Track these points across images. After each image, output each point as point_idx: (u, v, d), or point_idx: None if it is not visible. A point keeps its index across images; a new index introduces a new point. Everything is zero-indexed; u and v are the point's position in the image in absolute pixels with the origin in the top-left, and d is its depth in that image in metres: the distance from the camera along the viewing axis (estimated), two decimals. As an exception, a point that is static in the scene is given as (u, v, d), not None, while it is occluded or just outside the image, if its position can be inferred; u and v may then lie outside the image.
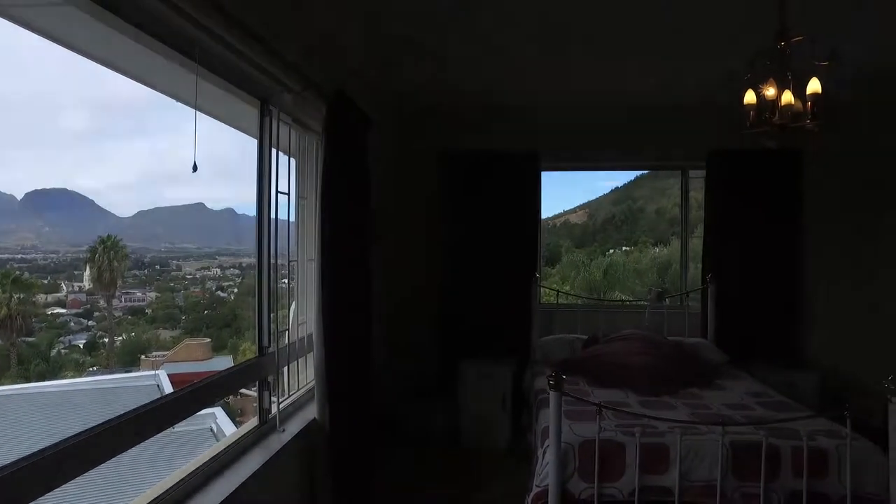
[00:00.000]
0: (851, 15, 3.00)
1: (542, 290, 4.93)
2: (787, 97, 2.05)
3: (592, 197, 6.45)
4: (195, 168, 1.90)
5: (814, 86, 2.00)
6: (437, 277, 4.88)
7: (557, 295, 4.82)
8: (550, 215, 6.21)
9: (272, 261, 2.71)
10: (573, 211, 7.31)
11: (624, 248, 6.06)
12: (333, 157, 2.82)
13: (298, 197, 3.08)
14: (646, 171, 5.44)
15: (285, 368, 2.91)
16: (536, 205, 4.78)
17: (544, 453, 2.62)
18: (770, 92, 2.03)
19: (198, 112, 2.23)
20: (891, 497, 2.36)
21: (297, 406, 3.04)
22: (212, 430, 5.46)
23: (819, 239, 4.64)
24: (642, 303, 4.67)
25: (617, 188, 6.44)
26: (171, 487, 1.93)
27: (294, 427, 2.74)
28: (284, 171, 2.83)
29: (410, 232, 4.96)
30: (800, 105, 2.08)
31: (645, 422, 2.72)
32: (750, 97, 2.08)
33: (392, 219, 4.82)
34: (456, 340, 4.76)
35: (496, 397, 4.27)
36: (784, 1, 2.11)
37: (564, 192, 5.89)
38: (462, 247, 4.78)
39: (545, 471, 2.57)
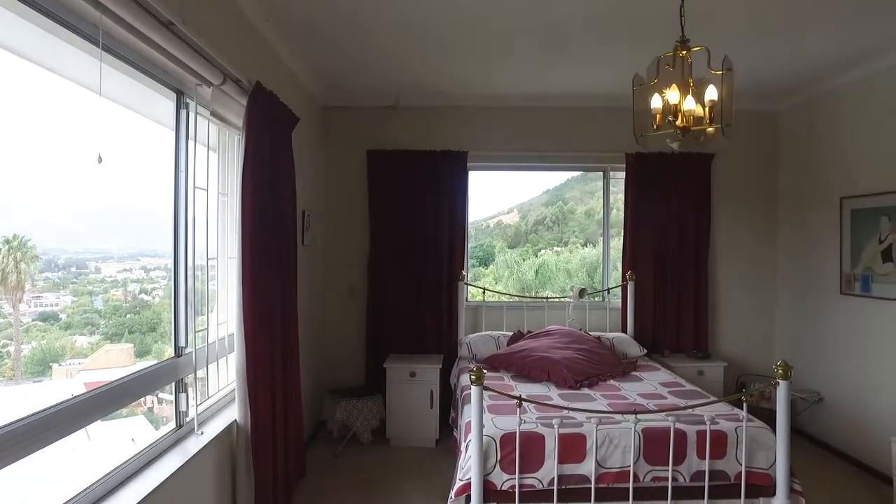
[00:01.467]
0: (744, 32, 3.26)
1: (468, 288, 5.01)
2: (688, 102, 2.19)
3: (525, 199, 6.57)
4: (100, 160, 1.82)
5: (711, 93, 2.15)
6: (364, 276, 4.87)
7: (484, 293, 4.92)
8: (485, 216, 6.30)
9: (189, 258, 2.61)
10: (506, 212, 7.44)
11: (555, 249, 6.21)
12: (255, 153, 2.76)
13: (219, 193, 2.99)
14: (576, 174, 5.60)
15: (204, 370, 2.82)
16: (464, 204, 4.84)
17: (467, 447, 2.66)
18: (673, 97, 2.16)
19: (111, 103, 2.14)
20: (777, 469, 2.61)
21: (217, 408, 2.95)
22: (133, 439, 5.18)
23: (724, 238, 4.96)
24: (566, 300, 4.82)
25: (548, 190, 6.60)
26: (73, 497, 1.83)
27: (213, 430, 2.65)
28: (203, 165, 2.74)
29: (338, 230, 4.92)
30: (701, 110, 2.23)
31: (564, 413, 2.82)
32: (656, 101, 2.20)
33: (319, 217, 4.76)
34: (384, 339, 4.76)
35: (424, 395, 4.29)
36: (684, 13, 2.27)
37: (498, 194, 5.96)
38: (390, 245, 4.79)
39: (468, 464, 2.62)
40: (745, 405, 2.68)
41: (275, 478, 2.95)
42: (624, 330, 4.77)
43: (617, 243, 5.13)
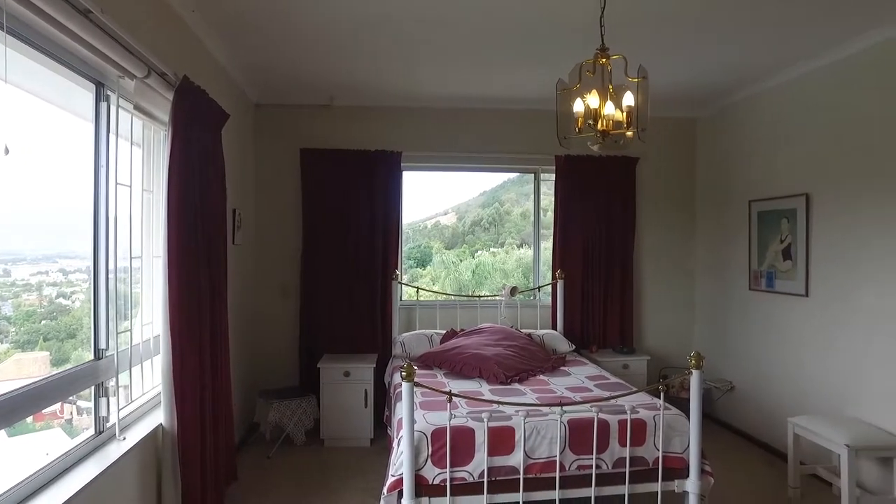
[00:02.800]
0: (663, 44, 3.48)
1: (402, 287, 5.06)
2: (608, 107, 2.32)
3: (462, 200, 6.65)
4: (7, 151, 1.73)
5: (628, 99, 2.29)
6: (298, 275, 4.82)
7: (418, 292, 4.97)
8: (422, 217, 6.34)
9: (111, 257, 2.52)
10: (444, 213, 7.51)
11: (492, 250, 6.32)
12: (182, 150, 2.69)
13: (143, 190, 2.89)
14: (513, 176, 5.73)
15: (128, 373, 2.71)
16: (398, 203, 4.88)
17: (399, 443, 2.69)
18: (593, 102, 2.28)
19: (20, 90, 2.02)
20: (690, 452, 2.80)
21: (142, 412, 2.84)
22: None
23: (648, 238, 5.24)
24: (498, 298, 4.95)
25: (485, 192, 6.70)
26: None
27: (137, 435, 2.56)
28: (126, 161, 2.64)
29: (271, 229, 4.85)
30: (620, 115, 2.36)
31: (494, 408, 2.90)
32: (578, 105, 2.32)
33: (251, 216, 4.67)
34: (318, 339, 4.73)
35: (358, 394, 4.29)
36: (604, 23, 2.41)
37: (435, 195, 6.01)
38: (324, 245, 4.76)
39: (399, 460, 2.65)
40: (662, 394, 2.85)
41: (203, 482, 2.87)
42: (554, 327, 4.93)
43: (549, 243, 5.30)
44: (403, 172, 4.95)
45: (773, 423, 4.14)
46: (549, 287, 5.08)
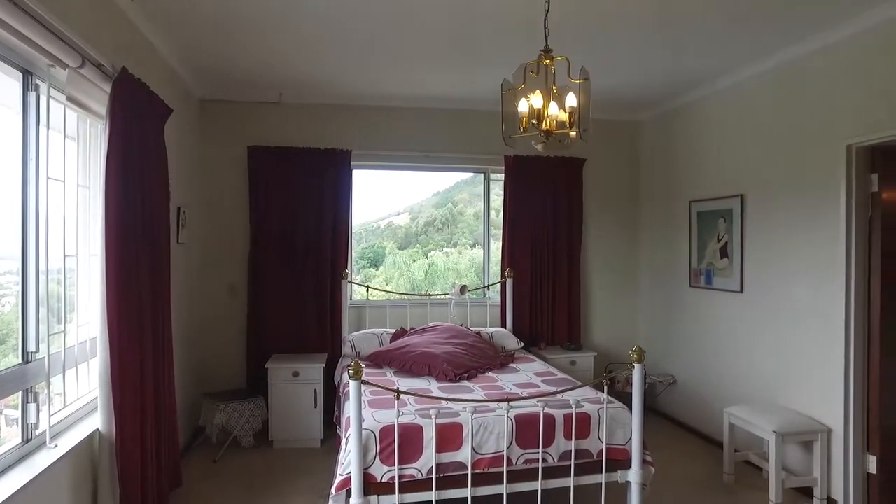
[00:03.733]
0: (607, 48, 3.59)
1: (352, 287, 5.04)
2: (552, 108, 2.38)
3: (415, 200, 6.66)
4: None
5: (570, 100, 2.35)
6: (245, 275, 4.73)
7: (368, 291, 4.96)
8: (375, 218, 6.31)
9: (42, 255, 2.41)
10: (397, 214, 7.50)
11: (445, 250, 6.35)
12: (121, 144, 2.60)
13: (79, 186, 2.77)
14: (466, 177, 5.77)
15: (61, 377, 2.60)
16: (348, 202, 4.84)
17: (347, 441, 2.68)
18: (537, 102, 2.34)
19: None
20: (632, 444, 2.90)
21: (77, 418, 2.73)
22: None
23: (595, 237, 5.39)
24: (448, 296, 4.99)
25: (438, 192, 6.73)
26: None
27: (70, 441, 2.45)
28: (60, 154, 2.53)
29: (217, 228, 4.74)
30: (564, 115, 2.42)
31: (442, 404, 2.93)
32: (522, 105, 2.37)
33: (197, 214, 4.55)
34: (266, 339, 4.65)
35: (307, 394, 4.24)
36: (548, 26, 2.47)
37: (388, 195, 5.99)
38: (272, 244, 4.68)
39: (347, 458, 2.64)
40: (605, 388, 2.93)
41: (144, 489, 2.78)
42: (503, 325, 5.01)
43: (500, 243, 5.37)
44: (353, 171, 4.93)
45: (711, 414, 4.32)
46: (499, 286, 5.15)
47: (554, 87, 2.42)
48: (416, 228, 6.63)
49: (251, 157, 4.70)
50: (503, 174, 5.09)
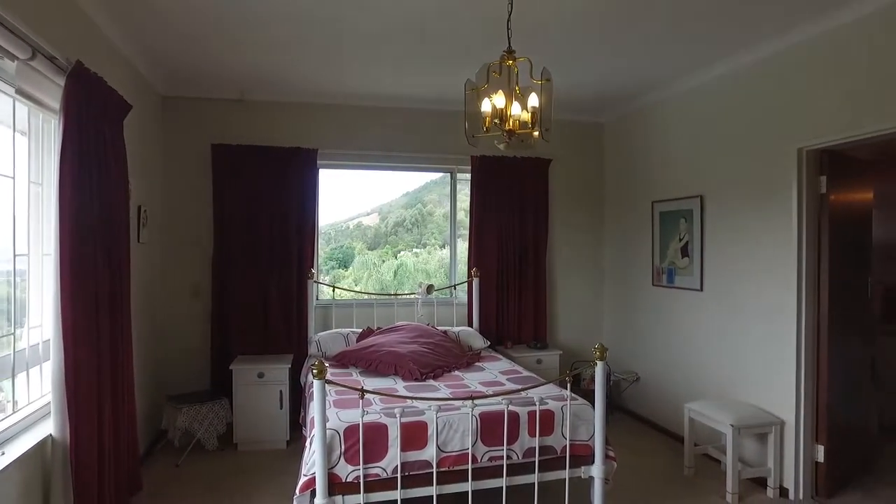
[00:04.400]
0: (570, 51, 3.65)
1: (319, 286, 5.01)
2: (515, 108, 2.40)
3: (385, 201, 6.64)
4: None
5: (532, 100, 2.38)
6: (209, 275, 4.64)
7: (334, 290, 4.93)
8: (344, 218, 6.28)
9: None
10: (366, 214, 7.46)
11: (414, 251, 6.35)
12: (76, 140, 2.53)
13: (31, 182, 2.69)
14: (436, 177, 5.77)
15: (10, 381, 2.51)
16: (315, 201, 4.80)
17: (311, 442, 2.66)
18: (500, 102, 2.36)
19: None
20: (595, 439, 2.95)
21: (28, 423, 2.64)
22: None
23: (560, 236, 5.46)
24: (414, 296, 5.00)
25: (408, 192, 6.72)
26: None
27: (20, 448, 2.37)
28: (8, 149, 2.45)
29: (180, 227, 4.65)
30: (526, 115, 2.45)
31: (407, 403, 2.93)
32: (485, 105, 2.39)
33: (158, 213, 4.45)
34: (231, 340, 4.58)
35: (273, 396, 4.19)
36: (511, 27, 2.50)
37: (357, 196, 5.96)
38: (237, 243, 4.61)
39: (312, 459, 2.62)
40: (568, 385, 2.97)
41: (101, 496, 2.71)
42: (470, 324, 5.04)
43: (467, 242, 5.40)
44: (320, 170, 4.90)
45: (673, 410, 4.42)
46: (466, 285, 5.17)
47: (517, 88, 2.45)
48: (386, 229, 6.62)
49: (215, 155, 4.62)
50: (470, 174, 5.11)
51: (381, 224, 6.73)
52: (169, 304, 4.60)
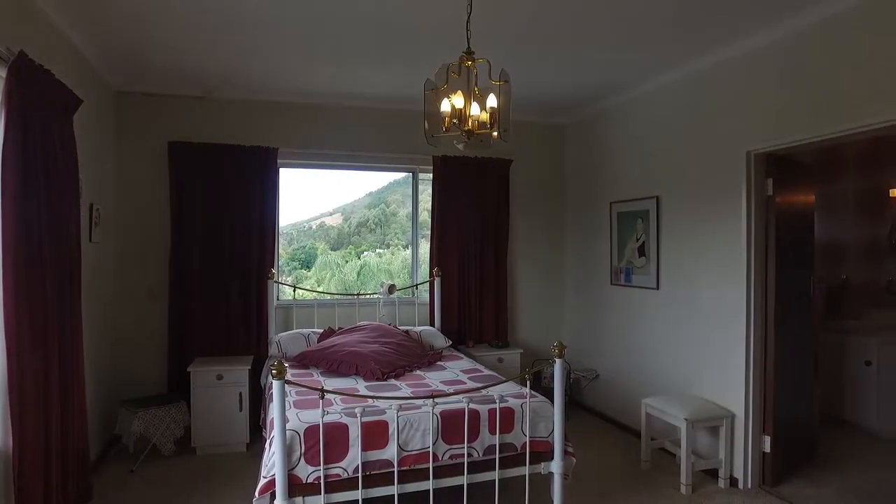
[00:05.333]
0: (530, 53, 3.71)
1: (279, 287, 4.95)
2: (474, 108, 2.43)
3: (348, 201, 6.60)
4: None
5: (491, 101, 2.42)
6: (166, 276, 4.53)
7: (294, 291, 4.88)
8: (307, 218, 6.21)
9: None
10: (329, 214, 7.41)
11: (378, 251, 6.33)
12: (19, 135, 2.44)
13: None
14: (399, 177, 5.77)
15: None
16: (275, 201, 4.74)
17: (270, 443, 2.63)
18: (459, 102, 2.39)
19: None
20: (554, 435, 3.00)
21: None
22: None
23: (521, 236, 5.53)
24: (376, 296, 5.00)
25: (371, 192, 6.70)
26: None
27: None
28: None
29: (136, 227, 4.52)
30: (485, 116, 2.48)
31: (368, 403, 2.93)
32: (445, 105, 2.41)
33: (112, 212, 4.32)
34: (189, 342, 4.48)
35: (233, 398, 4.12)
36: (470, 28, 2.53)
37: (320, 196, 5.91)
38: (195, 243, 4.51)
39: (271, 460, 2.60)
40: (528, 383, 3.02)
41: (47, 504, 2.62)
42: (432, 323, 5.06)
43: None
44: (281, 170, 4.84)
45: (631, 406, 4.54)
46: (428, 285, 5.19)
47: (476, 89, 2.48)
48: (349, 229, 6.58)
49: (173, 153, 4.51)
50: (432, 174, 5.13)
51: (345, 224, 6.69)
52: (124, 305, 4.47)
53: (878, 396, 4.49)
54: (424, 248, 5.37)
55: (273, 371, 2.48)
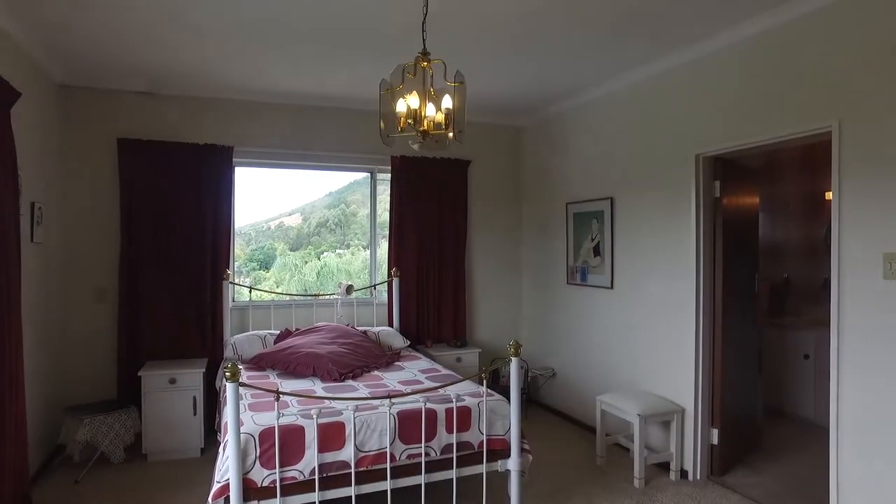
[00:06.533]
0: (488, 56, 3.75)
1: (235, 288, 4.87)
2: (428, 108, 2.44)
3: (307, 201, 6.52)
4: None
5: (446, 102, 2.44)
6: (115, 277, 4.39)
7: (251, 292, 4.80)
8: (265, 218, 6.10)
9: None
10: (288, 214, 7.31)
11: (338, 251, 6.28)
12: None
13: None
14: (359, 177, 5.73)
15: None
16: (230, 200, 4.65)
17: (224, 447, 2.58)
18: (414, 103, 2.40)
19: None
20: (511, 433, 3.04)
21: None
22: None
23: (480, 236, 5.58)
24: (334, 297, 4.96)
25: (331, 193, 6.63)
26: None
27: None
28: None
29: (82, 226, 4.36)
30: (441, 116, 2.50)
31: (324, 404, 2.91)
32: (400, 105, 2.42)
33: (56, 211, 4.15)
34: (140, 345, 4.36)
35: (186, 402, 4.02)
36: (426, 29, 2.55)
37: (279, 196, 5.81)
38: (147, 243, 4.39)
39: (225, 465, 2.55)
40: (484, 382, 3.05)
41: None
42: (390, 324, 5.05)
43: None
44: (236, 168, 4.75)
45: (586, 403, 4.64)
46: (387, 285, 5.18)
47: (431, 89, 2.49)
48: (309, 229, 6.51)
49: (122, 150, 4.36)
50: (390, 174, 5.13)
51: (304, 224, 6.61)
52: (70, 308, 4.30)
53: (815, 388, 4.73)
54: (383, 248, 5.35)
55: (227, 373, 2.44)
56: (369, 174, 5.36)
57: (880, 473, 2.67)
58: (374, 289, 5.27)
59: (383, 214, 5.43)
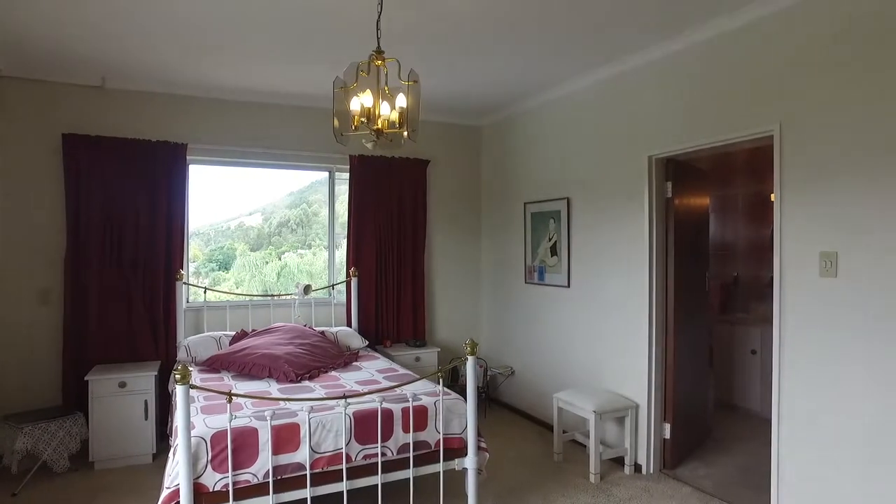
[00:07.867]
0: (446, 57, 3.77)
1: (189, 289, 4.75)
2: (382, 107, 2.44)
3: (268, 201, 6.41)
4: None
5: (400, 100, 2.44)
6: (61, 278, 4.22)
7: (205, 292, 4.69)
8: (225, 218, 5.97)
9: None
10: (248, 214, 7.19)
11: (299, 252, 6.19)
12: None
13: None
14: (321, 177, 5.67)
15: None
16: (184, 198, 4.53)
17: (174, 452, 2.52)
18: (368, 101, 2.39)
19: None
20: (468, 432, 3.06)
21: None
22: None
23: (439, 236, 5.60)
24: (291, 297, 4.90)
25: (292, 192, 6.54)
26: None
27: None
28: None
29: (23, 226, 4.18)
30: (395, 115, 2.49)
31: (279, 405, 2.86)
32: (354, 104, 2.40)
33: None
34: (88, 348, 4.20)
35: (137, 406, 3.90)
36: (380, 27, 2.54)
37: (239, 195, 5.70)
38: (95, 243, 4.23)
39: (175, 469, 2.49)
40: (440, 381, 3.06)
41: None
42: (349, 324, 5.02)
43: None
44: (190, 166, 4.64)
45: (544, 400, 4.70)
46: (345, 285, 5.15)
47: (386, 88, 2.49)
48: (269, 229, 6.41)
49: (67, 145, 4.19)
50: (349, 174, 5.09)
51: (265, 224, 6.51)
52: (9, 311, 4.11)
53: (762, 381, 4.92)
54: (342, 248, 5.31)
55: (177, 375, 2.38)
56: (328, 173, 5.30)
57: (816, 461, 2.79)
58: (333, 289, 5.22)
59: (343, 215, 5.39)
